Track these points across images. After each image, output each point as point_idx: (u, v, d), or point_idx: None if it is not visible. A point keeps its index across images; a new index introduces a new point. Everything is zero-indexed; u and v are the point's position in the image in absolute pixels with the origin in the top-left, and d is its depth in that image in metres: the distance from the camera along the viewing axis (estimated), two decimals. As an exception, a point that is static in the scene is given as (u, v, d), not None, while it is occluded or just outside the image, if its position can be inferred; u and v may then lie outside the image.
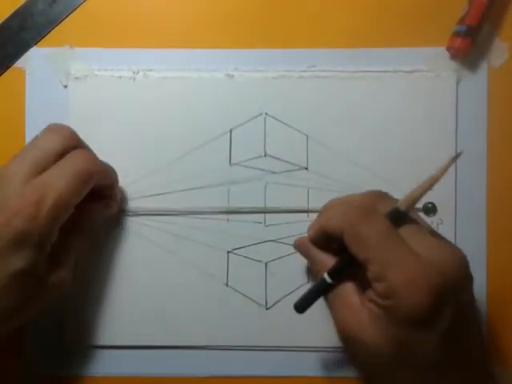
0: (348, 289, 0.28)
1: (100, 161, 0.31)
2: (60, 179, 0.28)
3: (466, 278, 0.27)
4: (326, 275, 0.29)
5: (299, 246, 0.32)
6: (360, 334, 0.27)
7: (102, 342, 0.35)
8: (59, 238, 0.29)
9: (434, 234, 0.28)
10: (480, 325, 0.29)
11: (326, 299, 0.30)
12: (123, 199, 0.35)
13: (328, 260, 0.30)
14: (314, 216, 0.34)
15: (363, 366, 0.30)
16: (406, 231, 0.27)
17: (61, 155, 0.29)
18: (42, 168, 0.28)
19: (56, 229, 0.28)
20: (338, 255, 0.30)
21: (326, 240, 0.30)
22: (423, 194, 0.27)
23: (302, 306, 0.31)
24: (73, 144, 0.30)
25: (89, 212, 0.32)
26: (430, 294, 0.25)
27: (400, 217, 0.27)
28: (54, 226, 0.28)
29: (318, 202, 0.35)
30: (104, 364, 0.35)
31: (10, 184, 0.27)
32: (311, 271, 0.34)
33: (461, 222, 0.34)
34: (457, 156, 0.27)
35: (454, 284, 0.26)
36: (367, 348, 0.27)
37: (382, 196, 0.29)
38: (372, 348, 0.26)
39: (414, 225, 0.28)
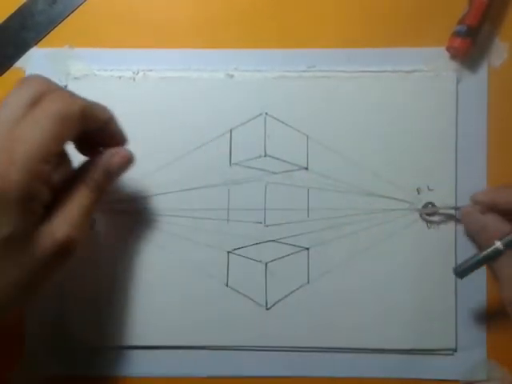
0: None
1: (83, 99, 0.28)
2: (33, 129, 0.25)
3: None
4: (498, 243, 0.30)
5: (469, 214, 0.33)
6: None
7: (102, 343, 0.35)
8: (64, 197, 0.27)
9: None
10: None
11: (492, 266, 0.31)
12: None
13: (505, 227, 0.31)
14: (314, 215, 0.35)
15: None
16: None
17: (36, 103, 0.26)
18: (15, 123, 0.26)
19: (37, 183, 0.25)
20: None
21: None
22: None
23: (464, 271, 0.31)
24: (45, 90, 0.27)
25: (97, 163, 0.29)
26: None
27: None
28: (33, 180, 0.25)
29: (318, 202, 0.35)
30: (103, 364, 0.35)
31: None
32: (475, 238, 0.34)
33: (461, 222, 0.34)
34: None
35: None
36: None
37: None
38: None
39: None
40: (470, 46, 0.34)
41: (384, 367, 0.35)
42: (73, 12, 0.36)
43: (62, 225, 0.27)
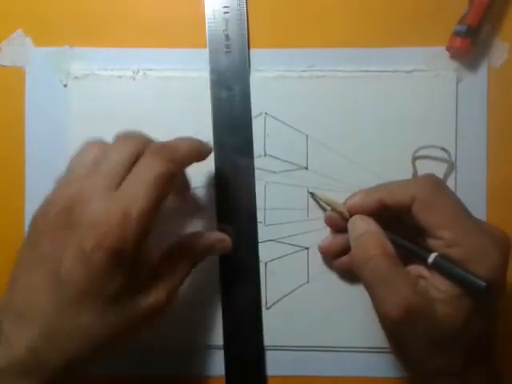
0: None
1: (178, 153, 0.28)
2: (138, 190, 0.26)
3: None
4: (433, 257, 0.28)
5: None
6: (427, 308, 0.27)
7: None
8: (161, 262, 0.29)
9: None
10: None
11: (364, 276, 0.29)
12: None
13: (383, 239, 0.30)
14: (314, 215, 0.35)
15: (413, 347, 0.29)
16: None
17: (135, 162, 0.27)
18: (118, 180, 0.26)
19: (142, 244, 0.26)
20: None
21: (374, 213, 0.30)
22: None
23: None
24: (144, 148, 0.28)
25: (200, 244, 0.31)
26: (500, 261, 0.27)
27: None
28: (141, 242, 0.26)
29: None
30: (103, 364, 0.35)
31: (90, 203, 0.26)
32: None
33: (460, 222, 0.34)
34: None
35: (508, 257, 0.28)
36: (432, 320, 0.27)
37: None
38: (440, 319, 0.27)
39: None
40: (470, 46, 0.34)
41: (384, 366, 0.35)
42: (73, 12, 0.36)
43: (160, 292, 0.28)
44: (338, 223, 0.32)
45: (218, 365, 0.35)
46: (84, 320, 0.25)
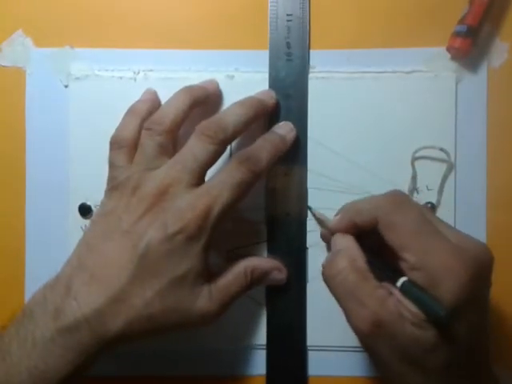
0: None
1: (259, 166, 0.31)
2: (223, 191, 0.29)
3: (491, 269, 0.28)
4: (402, 281, 0.27)
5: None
6: (396, 325, 0.26)
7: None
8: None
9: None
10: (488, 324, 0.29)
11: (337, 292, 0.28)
12: None
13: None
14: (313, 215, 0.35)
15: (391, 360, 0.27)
16: (436, 221, 0.28)
17: (215, 159, 0.31)
18: (200, 176, 0.30)
19: (212, 239, 0.29)
20: None
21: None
22: None
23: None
24: (225, 146, 0.31)
25: (260, 266, 0.33)
26: (468, 280, 0.25)
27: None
28: (213, 236, 0.29)
29: (318, 202, 0.35)
30: (105, 364, 0.35)
31: (179, 193, 0.29)
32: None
33: (460, 222, 0.34)
34: None
35: (486, 271, 0.27)
36: (403, 337, 0.26)
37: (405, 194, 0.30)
38: (409, 339, 0.26)
39: (440, 220, 0.29)
40: (470, 46, 0.34)
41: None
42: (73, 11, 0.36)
43: (214, 301, 0.30)
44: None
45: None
46: (146, 295, 0.28)
